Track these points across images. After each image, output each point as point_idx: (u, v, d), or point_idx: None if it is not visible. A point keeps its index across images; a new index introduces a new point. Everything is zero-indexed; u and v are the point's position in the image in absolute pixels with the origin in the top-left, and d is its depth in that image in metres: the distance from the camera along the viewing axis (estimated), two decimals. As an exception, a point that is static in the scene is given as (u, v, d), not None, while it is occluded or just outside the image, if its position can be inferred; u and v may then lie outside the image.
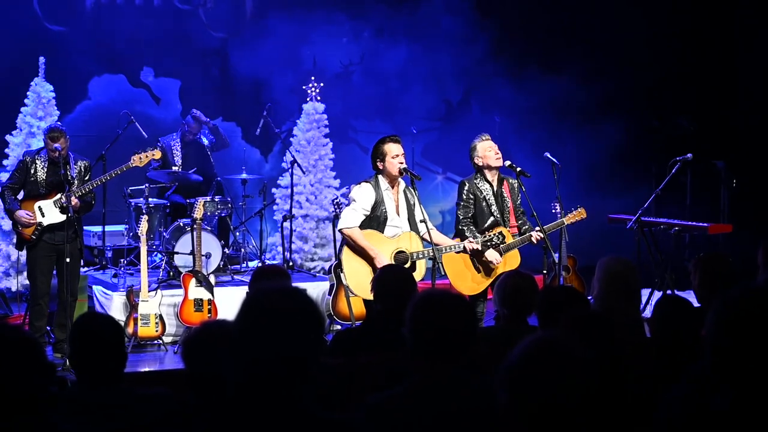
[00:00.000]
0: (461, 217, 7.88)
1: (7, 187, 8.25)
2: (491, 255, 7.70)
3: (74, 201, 7.97)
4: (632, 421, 3.51)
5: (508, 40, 12.78)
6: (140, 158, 8.49)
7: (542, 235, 7.72)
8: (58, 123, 9.06)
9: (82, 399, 3.72)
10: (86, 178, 8.22)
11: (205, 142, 10.99)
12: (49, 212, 8.09)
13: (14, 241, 8.92)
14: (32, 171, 8.16)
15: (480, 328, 5.86)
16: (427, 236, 7.49)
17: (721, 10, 13.12)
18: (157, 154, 8.81)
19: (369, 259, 7.39)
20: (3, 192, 8.26)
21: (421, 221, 7.50)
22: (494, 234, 7.53)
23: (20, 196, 8.26)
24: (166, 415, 3.57)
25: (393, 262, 7.30)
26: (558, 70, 12.57)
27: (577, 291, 5.03)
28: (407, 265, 7.32)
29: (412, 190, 7.64)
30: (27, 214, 8.06)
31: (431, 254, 7.38)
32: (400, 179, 7.55)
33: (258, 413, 2.62)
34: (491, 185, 7.92)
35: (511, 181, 8.05)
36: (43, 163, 8.16)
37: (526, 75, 12.68)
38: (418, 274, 7.37)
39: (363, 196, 7.50)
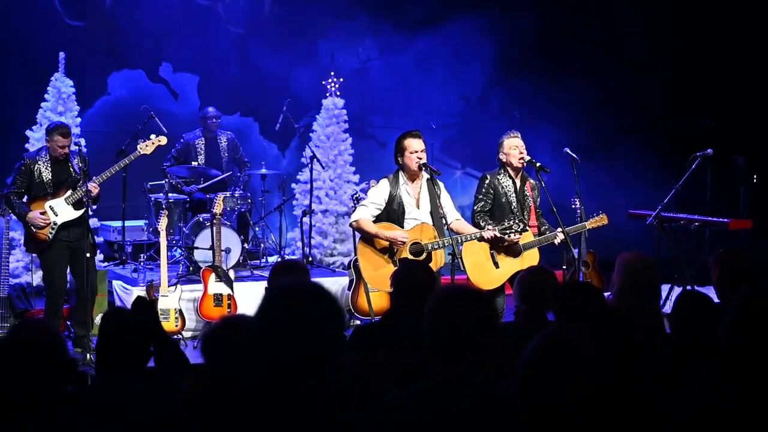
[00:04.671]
0: (476, 210, 7.86)
1: (13, 193, 8.07)
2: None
3: (95, 188, 7.94)
4: (633, 419, 3.50)
5: (527, 36, 12.74)
6: (146, 146, 8.47)
7: (565, 238, 7.69)
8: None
9: (87, 399, 3.74)
10: (86, 170, 8.08)
11: (224, 140, 10.97)
12: (61, 211, 8.03)
13: (21, 243, 8.78)
14: (37, 173, 8.02)
15: (499, 324, 5.84)
16: (452, 226, 7.51)
17: (721, 9, 13.04)
18: (163, 141, 8.67)
19: (384, 249, 7.42)
20: (9, 197, 8.09)
21: (441, 217, 7.48)
22: (513, 222, 7.48)
23: (24, 199, 8.11)
24: (168, 415, 3.58)
25: (411, 239, 7.33)
26: (574, 66, 12.53)
27: (593, 287, 5.00)
28: (423, 256, 7.35)
29: (439, 184, 7.63)
30: (41, 215, 7.99)
31: (448, 244, 7.37)
32: (423, 173, 7.55)
33: (260, 412, 2.61)
34: (513, 182, 7.89)
35: (533, 181, 8.01)
36: (46, 164, 8.03)
37: (545, 71, 12.65)
38: (434, 265, 7.37)
39: (376, 191, 7.61)
